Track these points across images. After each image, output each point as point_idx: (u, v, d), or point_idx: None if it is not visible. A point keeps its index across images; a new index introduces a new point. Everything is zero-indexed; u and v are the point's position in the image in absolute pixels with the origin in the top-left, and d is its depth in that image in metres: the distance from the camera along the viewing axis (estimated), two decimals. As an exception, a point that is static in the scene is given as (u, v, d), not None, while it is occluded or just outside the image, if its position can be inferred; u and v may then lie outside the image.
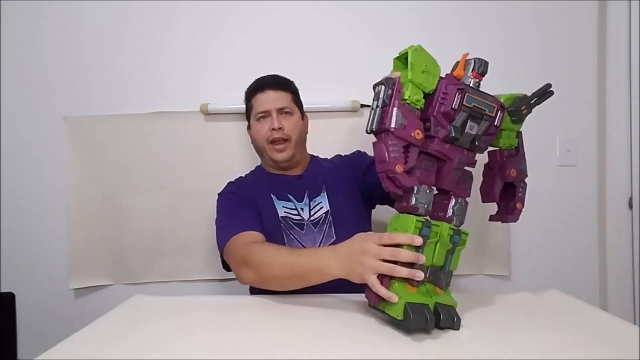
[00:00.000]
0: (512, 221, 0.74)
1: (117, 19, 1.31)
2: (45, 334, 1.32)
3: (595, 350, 0.57)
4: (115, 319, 0.74)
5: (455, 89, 0.63)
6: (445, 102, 0.64)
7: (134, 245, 1.31)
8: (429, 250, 0.64)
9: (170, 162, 1.30)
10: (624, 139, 1.30)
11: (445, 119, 0.64)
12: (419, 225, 0.63)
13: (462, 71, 0.65)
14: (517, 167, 0.73)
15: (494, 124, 0.67)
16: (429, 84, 0.63)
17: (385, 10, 1.30)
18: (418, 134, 0.62)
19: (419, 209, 0.65)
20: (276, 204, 1.01)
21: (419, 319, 0.59)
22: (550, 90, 0.71)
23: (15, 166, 1.32)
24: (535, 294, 0.81)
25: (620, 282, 1.31)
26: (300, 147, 1.08)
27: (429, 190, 0.66)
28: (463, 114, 0.65)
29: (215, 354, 0.58)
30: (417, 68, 0.62)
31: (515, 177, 0.73)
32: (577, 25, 1.31)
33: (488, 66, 0.66)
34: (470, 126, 0.65)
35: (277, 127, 1.01)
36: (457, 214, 0.68)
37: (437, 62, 0.65)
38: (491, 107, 0.66)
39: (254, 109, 1.05)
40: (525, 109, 0.69)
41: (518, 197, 0.74)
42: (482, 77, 0.66)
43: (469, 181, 0.71)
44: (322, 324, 0.68)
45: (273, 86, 1.04)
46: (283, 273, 0.78)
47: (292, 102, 1.06)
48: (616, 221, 1.32)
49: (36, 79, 1.31)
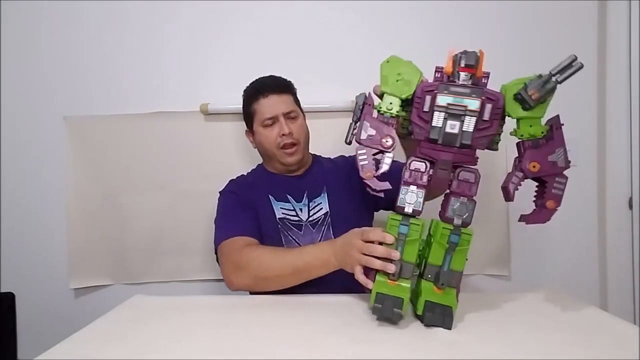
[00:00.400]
0: (539, 222, 0.67)
1: (117, 19, 1.31)
2: (45, 334, 1.32)
3: (595, 350, 0.57)
4: (115, 319, 0.74)
5: (423, 92, 0.65)
6: (419, 106, 0.66)
7: (134, 245, 1.31)
8: (411, 247, 0.67)
9: (170, 162, 1.30)
10: (624, 139, 1.30)
11: (423, 122, 0.66)
12: (395, 224, 0.68)
13: (450, 68, 0.66)
14: (542, 159, 0.64)
15: (482, 118, 0.64)
16: (404, 91, 0.67)
17: (385, 10, 1.30)
18: (387, 141, 0.68)
19: (405, 208, 0.68)
20: (274, 206, 1.01)
21: (383, 309, 0.64)
22: (577, 63, 0.62)
23: (15, 166, 1.32)
24: (535, 294, 0.81)
25: (620, 282, 1.31)
26: (307, 148, 1.08)
27: (418, 190, 0.68)
28: (440, 115, 0.65)
29: (215, 354, 0.58)
30: (390, 79, 0.68)
31: (537, 171, 0.65)
32: (577, 25, 1.31)
33: (475, 56, 0.64)
34: (451, 125, 0.64)
35: (287, 133, 1.00)
36: (458, 213, 0.67)
37: (416, 68, 0.68)
38: (474, 102, 0.63)
39: (259, 114, 1.02)
40: (534, 93, 0.62)
41: (549, 193, 0.65)
42: (473, 69, 0.64)
43: (473, 180, 0.68)
44: (322, 324, 0.68)
45: (276, 90, 1.02)
46: (286, 271, 0.82)
47: (295, 104, 1.06)
48: (616, 221, 1.31)
49: (36, 79, 1.31)
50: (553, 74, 0.62)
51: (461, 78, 0.65)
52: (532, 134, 0.65)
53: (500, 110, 0.65)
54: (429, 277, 0.67)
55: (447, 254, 0.67)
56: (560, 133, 0.65)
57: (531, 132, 0.65)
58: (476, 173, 0.68)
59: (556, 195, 0.65)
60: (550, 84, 0.62)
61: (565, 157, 0.65)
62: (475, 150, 0.67)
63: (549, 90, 0.62)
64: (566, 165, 0.65)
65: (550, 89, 0.62)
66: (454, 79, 0.65)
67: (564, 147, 0.65)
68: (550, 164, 0.65)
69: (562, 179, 0.65)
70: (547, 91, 0.62)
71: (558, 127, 0.65)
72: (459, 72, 0.65)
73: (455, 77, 0.65)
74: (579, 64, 0.62)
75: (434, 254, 0.67)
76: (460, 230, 0.67)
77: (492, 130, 0.66)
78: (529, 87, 0.63)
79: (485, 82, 0.67)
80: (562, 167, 0.65)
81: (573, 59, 0.62)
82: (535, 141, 0.66)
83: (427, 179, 0.68)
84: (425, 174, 0.68)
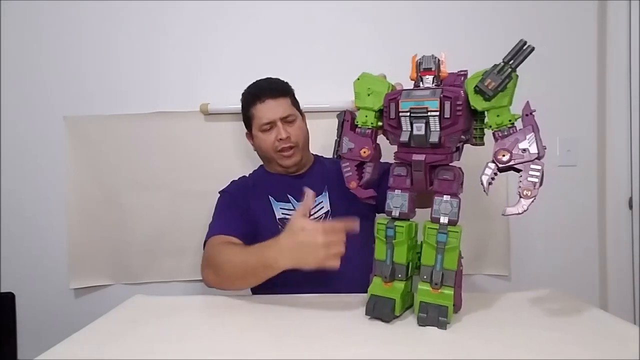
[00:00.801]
0: (513, 213, 0.62)
1: (117, 19, 1.31)
2: (45, 334, 1.32)
3: (595, 350, 0.57)
4: (115, 319, 0.74)
5: (388, 101, 0.69)
6: (386, 114, 0.70)
7: (134, 245, 1.31)
8: (400, 249, 0.70)
9: (170, 162, 1.30)
10: (624, 139, 1.30)
11: (393, 128, 0.70)
12: (382, 228, 0.71)
13: (414, 73, 0.70)
14: (511, 147, 0.63)
15: (444, 116, 0.65)
16: (375, 103, 0.73)
17: (385, 10, 1.30)
18: (365, 152, 0.74)
19: (392, 212, 0.71)
20: (274, 206, 1.02)
21: (375, 310, 0.68)
22: (527, 46, 0.62)
23: (15, 166, 1.32)
24: (535, 294, 0.81)
25: (620, 282, 1.31)
26: (306, 148, 1.08)
27: (402, 194, 0.71)
28: (406, 119, 0.67)
29: (215, 354, 0.58)
30: (362, 94, 0.73)
31: (508, 160, 0.63)
32: (577, 25, 1.31)
33: (433, 60, 0.68)
34: (417, 127, 0.66)
35: (284, 137, 1.00)
36: (443, 212, 0.68)
37: (385, 81, 0.73)
38: (433, 102, 0.65)
39: (257, 119, 1.03)
40: (490, 82, 0.62)
41: (524, 182, 0.61)
42: (433, 72, 0.68)
43: (452, 177, 0.68)
44: (322, 324, 0.68)
45: (272, 94, 1.02)
46: (237, 272, 0.81)
47: (292, 107, 1.06)
48: (616, 221, 1.31)
49: (36, 79, 1.31)
50: (506, 61, 0.63)
51: (425, 82, 0.69)
52: (500, 123, 0.65)
53: (462, 105, 0.65)
54: (424, 278, 0.68)
55: (438, 254, 0.67)
56: (531, 119, 0.64)
57: (498, 122, 0.65)
58: (455, 170, 0.69)
59: (531, 183, 0.61)
60: (506, 71, 0.62)
61: (538, 144, 0.62)
62: (450, 148, 0.68)
63: (506, 77, 0.62)
64: (540, 152, 0.62)
65: (507, 76, 0.62)
66: (418, 83, 0.69)
67: (535, 133, 0.63)
68: (520, 151, 0.62)
69: (537, 166, 0.62)
70: (503, 79, 0.62)
71: (528, 113, 0.64)
72: (421, 77, 0.69)
73: (419, 81, 0.69)
74: (530, 47, 0.62)
75: (425, 255, 0.69)
76: (446, 229, 0.67)
77: (458, 126, 0.66)
78: (485, 78, 0.63)
79: (462, 81, 0.69)
80: (534, 153, 0.62)
81: (523, 43, 0.63)
82: (505, 130, 0.65)
83: (410, 182, 0.71)
84: (407, 177, 0.71)
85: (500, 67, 0.63)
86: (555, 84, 1.31)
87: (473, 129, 0.71)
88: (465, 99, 0.66)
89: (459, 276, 0.68)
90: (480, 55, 0.67)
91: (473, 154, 0.75)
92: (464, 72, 0.71)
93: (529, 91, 0.72)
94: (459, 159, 0.73)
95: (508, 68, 0.63)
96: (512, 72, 0.63)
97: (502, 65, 0.63)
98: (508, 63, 0.63)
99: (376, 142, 0.76)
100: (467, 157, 0.75)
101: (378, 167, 0.77)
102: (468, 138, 0.72)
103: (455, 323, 0.67)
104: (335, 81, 1.29)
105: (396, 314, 0.68)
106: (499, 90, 0.63)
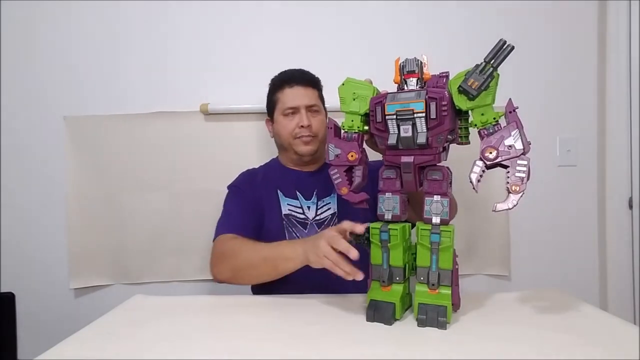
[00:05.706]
0: (504, 208, 0.63)
1: (117, 19, 1.31)
2: (45, 334, 1.32)
3: (595, 350, 0.57)
4: (115, 319, 0.74)
5: (374, 105, 0.70)
6: (373, 118, 0.71)
7: (134, 245, 1.31)
8: (396, 252, 0.70)
9: (170, 162, 1.30)
10: (624, 139, 1.30)
11: (380, 132, 0.70)
12: (377, 232, 0.71)
13: (397, 77, 0.70)
14: (497, 144, 0.64)
15: (430, 117, 0.66)
16: (361, 107, 0.73)
17: (386, 10, 1.30)
18: (352, 156, 0.73)
19: (385, 215, 0.72)
20: (281, 201, 1.02)
21: (375, 315, 0.68)
22: (507, 45, 0.63)
23: (15, 166, 1.32)
24: (535, 294, 0.81)
25: (620, 282, 1.31)
26: (323, 143, 1.08)
27: (393, 196, 0.72)
28: (392, 122, 0.67)
29: (215, 353, 0.58)
30: (347, 99, 0.74)
31: (495, 157, 0.64)
32: (577, 25, 1.31)
33: (415, 62, 0.68)
34: (404, 129, 0.67)
35: (306, 125, 1.00)
36: (434, 212, 0.69)
37: (370, 86, 0.73)
38: (419, 104, 0.66)
39: (281, 103, 1.03)
40: (473, 82, 0.63)
41: (511, 177, 0.62)
42: (416, 74, 0.68)
43: (441, 177, 0.69)
44: (322, 324, 0.68)
45: (302, 82, 1.03)
46: (259, 261, 0.83)
47: (319, 100, 1.06)
48: (616, 221, 1.32)
49: (36, 79, 1.31)
50: (487, 61, 0.64)
51: (409, 84, 0.69)
52: (484, 121, 0.66)
53: (447, 106, 0.66)
54: (421, 279, 0.69)
55: (433, 254, 0.68)
56: (514, 116, 0.65)
57: (483, 120, 0.66)
58: (444, 170, 0.70)
59: (518, 178, 0.62)
60: (487, 70, 0.63)
61: (523, 139, 0.63)
62: (438, 148, 0.69)
63: (488, 76, 0.63)
64: (525, 147, 0.63)
65: (489, 75, 0.63)
66: (403, 86, 0.70)
67: (519, 129, 0.64)
68: (507, 147, 0.64)
69: (523, 161, 0.63)
70: (485, 78, 0.63)
71: (511, 110, 0.65)
72: (405, 79, 0.69)
73: (403, 84, 0.70)
74: (509, 46, 0.63)
75: (420, 257, 0.69)
76: (439, 229, 0.67)
77: (445, 126, 0.67)
78: (468, 77, 0.64)
79: (444, 82, 0.69)
80: (520, 149, 0.63)
81: (503, 43, 0.64)
82: (490, 128, 0.66)
83: (400, 184, 0.71)
84: (397, 179, 0.72)
85: (482, 66, 0.64)
86: (555, 84, 1.31)
87: (458, 129, 0.72)
88: (450, 99, 0.67)
89: (455, 274, 0.68)
90: (480, 56, 0.66)
91: (461, 153, 0.76)
92: (446, 73, 0.71)
93: (529, 91, 0.72)
94: (446, 158, 0.74)
95: (490, 67, 0.64)
96: (493, 71, 0.63)
97: (484, 65, 0.64)
98: (489, 62, 0.64)
99: (362, 146, 0.76)
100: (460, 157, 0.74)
101: (366, 170, 0.76)
102: (454, 138, 0.72)
103: (455, 323, 0.67)
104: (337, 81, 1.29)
105: (397, 318, 0.68)
106: (482, 89, 0.64)
